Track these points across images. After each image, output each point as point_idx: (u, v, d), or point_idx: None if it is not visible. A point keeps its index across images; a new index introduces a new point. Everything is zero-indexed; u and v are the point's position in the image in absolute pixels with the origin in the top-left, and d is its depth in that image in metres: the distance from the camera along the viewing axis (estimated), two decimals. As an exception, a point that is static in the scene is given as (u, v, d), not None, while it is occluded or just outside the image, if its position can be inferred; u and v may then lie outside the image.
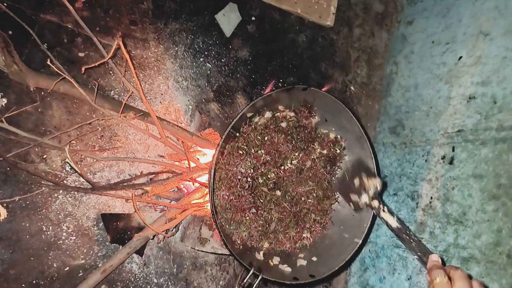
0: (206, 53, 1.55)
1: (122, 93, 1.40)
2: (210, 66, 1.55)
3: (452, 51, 1.54)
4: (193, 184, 1.41)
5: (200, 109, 1.46)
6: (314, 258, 1.23)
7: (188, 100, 1.51)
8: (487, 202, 1.24)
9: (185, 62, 1.51)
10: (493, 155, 1.26)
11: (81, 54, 1.34)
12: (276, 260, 1.22)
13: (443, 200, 1.38)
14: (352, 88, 1.81)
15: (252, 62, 1.63)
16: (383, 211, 1.01)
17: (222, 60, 1.58)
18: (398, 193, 1.58)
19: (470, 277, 0.72)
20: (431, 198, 1.44)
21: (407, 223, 1.49)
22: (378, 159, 1.71)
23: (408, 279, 1.43)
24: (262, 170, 1.22)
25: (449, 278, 0.72)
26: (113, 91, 1.39)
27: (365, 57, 1.84)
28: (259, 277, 1.06)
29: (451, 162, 1.40)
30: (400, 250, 1.49)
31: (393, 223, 0.97)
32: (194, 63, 1.53)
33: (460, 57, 1.49)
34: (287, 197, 1.24)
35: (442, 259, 0.81)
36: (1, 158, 1.19)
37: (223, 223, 1.17)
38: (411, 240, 0.90)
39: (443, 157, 1.43)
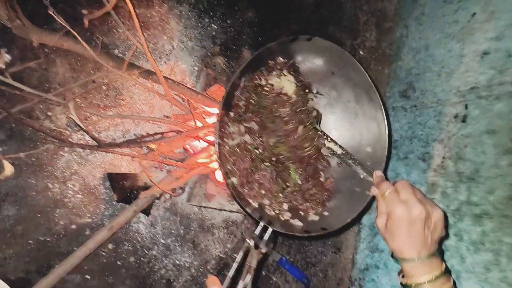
0: (211, 13, 1.52)
1: (126, 52, 1.37)
2: (215, 27, 1.53)
3: (464, 8, 1.50)
4: (200, 144, 1.40)
5: (206, 63, 1.44)
6: (326, 213, 1.22)
7: (194, 61, 1.49)
8: (501, 157, 1.21)
9: (190, 22, 1.49)
10: (507, 109, 1.23)
11: (84, 12, 1.33)
12: (287, 215, 1.20)
13: (455, 159, 1.36)
14: (361, 52, 1.77)
15: (258, 24, 1.60)
16: (327, 140, 1.14)
17: (228, 21, 1.55)
18: (408, 156, 1.56)
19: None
20: (443, 158, 1.41)
21: (418, 184, 1.47)
22: (390, 124, 1.66)
23: (419, 240, 1.41)
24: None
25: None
26: (117, 49, 1.37)
27: (374, 21, 1.80)
28: (269, 229, 1.05)
29: (463, 120, 1.37)
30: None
31: (338, 150, 1.11)
32: (199, 24, 1.51)
33: (474, 14, 1.45)
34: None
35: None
36: (6, 113, 1.19)
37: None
38: (356, 163, 1.06)
39: (456, 116, 1.41)
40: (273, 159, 1.20)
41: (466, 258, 1.24)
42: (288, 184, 1.21)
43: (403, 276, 0.84)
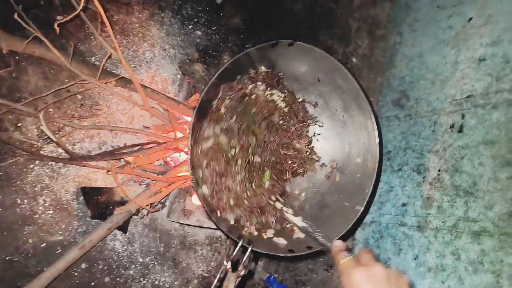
0: (195, 20, 1.47)
1: (103, 60, 1.30)
2: (199, 33, 1.47)
3: (459, 13, 1.44)
4: (180, 156, 1.33)
5: (184, 70, 1.37)
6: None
7: (176, 69, 1.43)
8: (500, 169, 1.14)
9: (172, 29, 1.43)
10: (506, 118, 1.15)
11: (59, 17, 1.27)
12: (270, 232, 1.13)
13: (452, 171, 1.28)
14: (353, 60, 1.71)
15: (245, 30, 1.54)
16: (287, 212, 1.08)
17: (213, 28, 1.49)
18: (402, 168, 1.48)
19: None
20: (439, 170, 1.33)
21: (412, 198, 1.40)
22: (382, 134, 1.60)
23: (415, 258, 1.33)
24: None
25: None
26: (93, 57, 1.32)
27: (367, 28, 1.74)
28: (248, 250, 0.97)
29: (460, 130, 1.30)
30: (406, 228, 1.39)
31: (299, 222, 1.05)
32: (182, 31, 1.45)
33: (470, 19, 1.38)
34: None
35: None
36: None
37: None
38: (316, 232, 0.96)
39: (452, 126, 1.33)
40: (248, 161, 1.13)
41: (465, 279, 1.15)
42: (258, 188, 1.13)
43: None
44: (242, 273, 0.92)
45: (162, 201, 1.34)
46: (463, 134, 1.28)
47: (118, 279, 1.30)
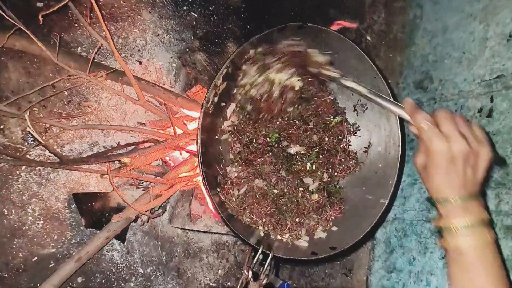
0: (190, 0, 1.52)
1: (91, 50, 1.37)
2: (195, 15, 1.53)
3: (487, -17, 1.49)
4: (181, 155, 1.40)
5: (184, 61, 1.43)
6: (334, 228, 1.23)
7: (171, 57, 1.49)
8: (535, 157, 1.21)
9: (165, 12, 1.49)
10: (540, 101, 1.22)
11: (39, 4, 1.32)
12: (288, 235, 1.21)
13: (482, 161, 1.35)
14: (368, 38, 1.77)
15: (246, 9, 1.60)
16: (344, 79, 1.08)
17: (210, 8, 1.55)
18: None
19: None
20: (467, 160, 1.40)
21: None
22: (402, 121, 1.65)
23: (442, 257, 1.41)
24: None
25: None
26: (80, 48, 1.37)
27: (383, 1, 1.80)
28: (270, 256, 1.04)
29: (489, 115, 1.37)
30: (431, 224, 1.46)
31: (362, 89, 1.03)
32: (177, 13, 1.50)
33: (499, -12, 1.44)
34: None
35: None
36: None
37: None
38: (383, 98, 0.98)
39: (480, 110, 1.40)
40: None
41: (498, 278, 1.23)
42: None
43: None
44: (264, 281, 0.98)
45: (162, 205, 1.40)
46: (493, 119, 1.35)
47: (118, 293, 1.37)
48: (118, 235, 1.34)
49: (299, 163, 1.28)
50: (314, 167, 1.28)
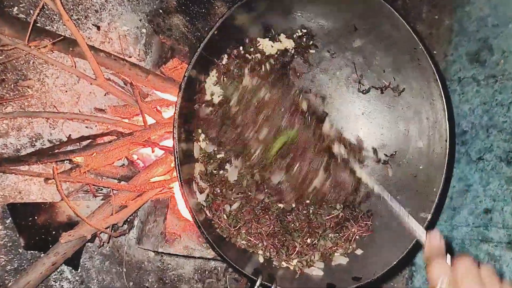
0: None
1: (31, 11, 1.27)
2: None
3: None
4: (153, 152, 1.33)
5: (157, 25, 1.33)
6: (359, 251, 1.19)
7: (140, 20, 1.40)
8: None
9: (131, -42, 1.40)
10: None
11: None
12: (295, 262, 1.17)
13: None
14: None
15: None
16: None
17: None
18: (484, 157, 1.45)
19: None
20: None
21: (500, 202, 1.37)
22: (453, 106, 1.59)
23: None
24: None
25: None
26: (16, 8, 1.27)
27: None
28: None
29: None
30: (491, 245, 1.37)
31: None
32: (146, -41, 1.42)
33: None
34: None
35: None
36: None
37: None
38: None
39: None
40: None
41: None
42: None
43: None
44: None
45: (128, 220, 1.32)
46: None
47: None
48: (69, 260, 1.26)
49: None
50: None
